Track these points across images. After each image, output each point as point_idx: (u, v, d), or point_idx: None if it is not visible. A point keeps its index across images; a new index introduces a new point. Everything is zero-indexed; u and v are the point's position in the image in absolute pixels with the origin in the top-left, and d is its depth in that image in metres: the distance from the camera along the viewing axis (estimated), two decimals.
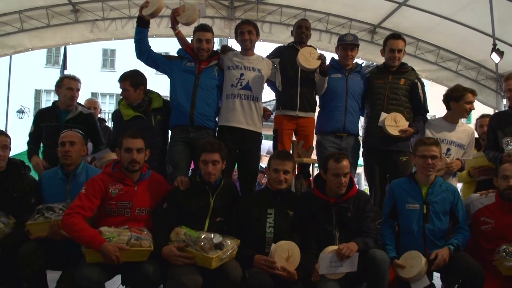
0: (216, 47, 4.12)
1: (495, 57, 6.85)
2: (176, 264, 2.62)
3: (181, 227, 2.74)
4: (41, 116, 4.03)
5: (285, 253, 2.73)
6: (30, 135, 4.02)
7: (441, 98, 3.94)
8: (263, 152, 5.83)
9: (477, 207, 3.13)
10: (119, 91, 3.72)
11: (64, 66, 10.35)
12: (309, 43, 4.15)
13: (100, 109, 5.65)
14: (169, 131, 3.77)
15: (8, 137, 3.14)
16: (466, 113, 3.79)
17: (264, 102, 4.01)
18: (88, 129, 3.95)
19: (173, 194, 2.98)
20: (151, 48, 3.81)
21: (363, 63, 4.23)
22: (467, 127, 3.97)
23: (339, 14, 7.76)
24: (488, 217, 3.04)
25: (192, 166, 3.83)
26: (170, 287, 2.58)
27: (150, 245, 2.67)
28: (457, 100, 3.76)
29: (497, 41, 6.75)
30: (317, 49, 6.11)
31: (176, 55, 3.86)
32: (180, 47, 3.89)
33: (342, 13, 7.73)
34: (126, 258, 2.60)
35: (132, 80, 3.65)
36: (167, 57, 3.86)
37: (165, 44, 7.88)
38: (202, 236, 2.61)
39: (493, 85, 8.24)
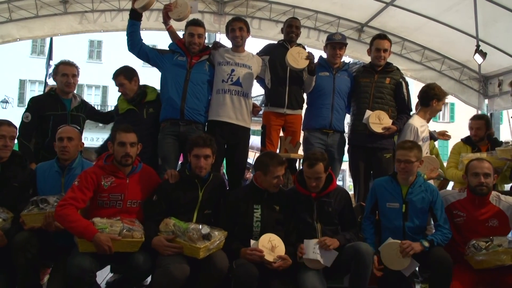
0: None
1: (478, 58, 7.03)
2: (164, 253, 2.70)
3: (170, 218, 2.82)
4: (41, 104, 3.84)
5: (268, 245, 2.83)
6: (25, 125, 3.75)
7: None
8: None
9: (450, 201, 3.28)
10: (106, 82, 3.84)
11: (50, 57, 10.21)
12: (297, 40, 4.23)
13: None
14: None
15: (16, 127, 3.21)
16: (436, 114, 4.00)
17: (252, 97, 4.08)
18: (90, 114, 4.03)
19: (162, 187, 3.05)
20: (143, 41, 3.85)
21: (350, 61, 4.31)
22: None
23: (328, 12, 7.84)
24: (460, 210, 3.20)
25: (181, 159, 3.91)
26: (158, 276, 2.67)
27: (141, 236, 2.75)
28: (439, 100, 3.92)
29: (480, 43, 6.92)
30: (306, 46, 6.20)
31: (168, 48, 3.91)
32: (172, 41, 3.94)
33: (331, 11, 7.82)
34: (118, 249, 2.68)
35: (125, 73, 3.74)
36: (158, 50, 3.91)
37: (153, 37, 7.88)
38: (191, 227, 2.70)
39: (475, 85, 8.44)
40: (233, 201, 3.12)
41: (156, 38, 7.72)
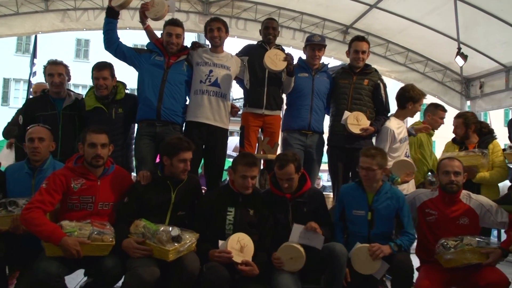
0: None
1: (459, 61, 7.10)
2: (134, 256, 2.66)
3: (141, 220, 2.78)
4: (32, 105, 3.80)
5: (237, 245, 2.81)
6: (19, 128, 3.68)
7: None
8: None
9: (422, 200, 3.30)
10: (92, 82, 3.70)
11: (34, 55, 10.05)
12: (282, 41, 4.23)
13: None
14: (136, 125, 3.79)
15: None
16: (415, 114, 4.05)
17: (235, 99, 4.08)
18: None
19: (134, 188, 3.01)
20: (120, 39, 3.80)
21: (328, 63, 4.31)
22: None
23: (313, 14, 7.86)
24: (432, 209, 3.22)
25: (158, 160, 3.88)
26: (127, 279, 2.62)
27: (112, 240, 2.69)
28: (415, 102, 3.95)
29: (461, 45, 6.99)
30: (291, 47, 6.17)
31: (145, 48, 3.88)
32: (149, 41, 3.91)
33: (316, 12, 7.84)
34: (87, 253, 2.62)
35: (111, 69, 3.68)
36: (136, 49, 3.87)
37: (135, 36, 7.82)
38: (161, 229, 2.66)
39: (457, 87, 8.53)
40: (207, 202, 3.09)
41: (139, 37, 7.66)
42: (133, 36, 7.78)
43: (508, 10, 6.22)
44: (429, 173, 4.29)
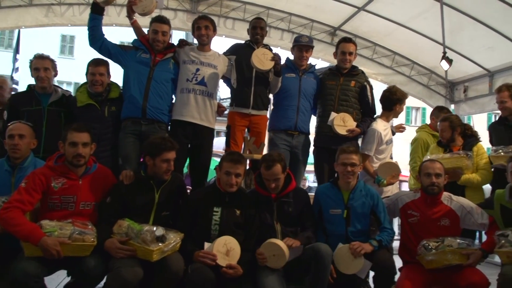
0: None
1: (444, 65, 7.21)
2: (117, 256, 2.62)
3: (125, 219, 2.73)
4: (17, 100, 3.70)
5: (223, 248, 2.79)
6: (4, 123, 3.56)
7: None
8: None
9: (404, 202, 3.33)
10: (78, 79, 3.65)
11: (17, 50, 9.86)
12: (271, 41, 4.22)
13: (11, 89, 4.87)
14: None
15: None
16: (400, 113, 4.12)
17: (223, 99, 4.05)
18: (70, 111, 3.79)
19: (116, 188, 2.96)
20: (106, 36, 3.74)
21: (315, 64, 4.32)
22: None
23: (301, 15, 7.89)
24: (414, 210, 3.26)
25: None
26: (109, 280, 2.58)
27: (93, 240, 2.64)
28: (402, 103, 3.99)
29: (447, 49, 7.11)
30: (279, 48, 6.15)
31: (131, 45, 3.82)
32: (136, 37, 3.86)
33: (304, 14, 7.88)
34: (67, 253, 2.57)
35: (107, 66, 3.63)
36: (121, 46, 3.80)
37: (121, 34, 7.73)
38: (145, 229, 2.63)
39: (442, 90, 8.67)
40: (193, 201, 3.06)
41: (125, 34, 7.58)
42: (119, 33, 7.69)
43: (493, 15, 6.34)
44: None
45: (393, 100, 4.02)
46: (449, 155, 3.76)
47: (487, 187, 4.00)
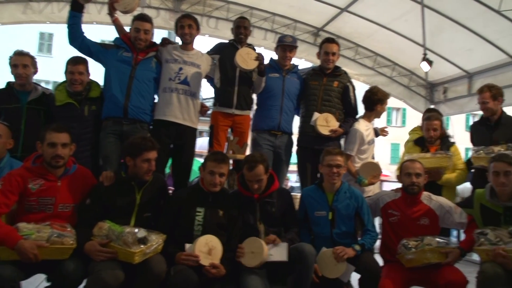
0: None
1: (424, 66, 7.32)
2: (97, 259, 2.56)
3: (105, 221, 2.67)
4: None
5: (205, 247, 2.76)
6: None
7: None
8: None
9: (385, 201, 3.36)
10: (56, 78, 3.57)
11: None
12: (254, 41, 4.21)
13: None
14: None
15: None
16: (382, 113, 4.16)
17: (205, 99, 4.02)
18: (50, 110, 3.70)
19: (96, 190, 2.90)
20: (87, 35, 3.66)
21: (298, 65, 4.32)
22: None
23: (285, 15, 7.89)
24: (394, 210, 3.29)
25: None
26: (89, 283, 2.52)
27: (72, 242, 2.57)
28: (383, 103, 4.04)
29: (427, 51, 7.22)
30: (262, 48, 6.12)
31: (112, 43, 3.75)
32: (117, 36, 3.79)
33: (288, 14, 7.88)
34: (45, 256, 2.49)
35: (87, 64, 3.56)
36: (102, 45, 3.73)
37: (102, 32, 7.58)
38: (126, 231, 2.57)
39: (423, 91, 8.80)
40: (175, 201, 3.02)
41: (107, 32, 7.44)
42: (100, 32, 7.55)
43: (473, 18, 6.46)
44: None
45: (374, 100, 4.06)
46: (430, 154, 3.81)
47: (464, 186, 4.08)
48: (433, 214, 3.24)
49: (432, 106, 8.66)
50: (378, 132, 4.51)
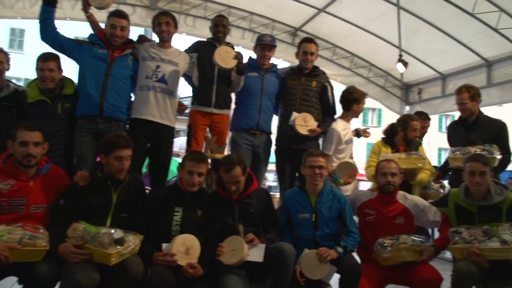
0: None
1: (400, 67, 7.46)
2: (71, 261, 2.49)
3: (80, 222, 2.61)
4: None
5: (183, 247, 2.72)
6: None
7: None
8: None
9: (362, 201, 3.41)
10: (27, 75, 3.45)
11: None
12: (232, 40, 4.18)
13: None
14: None
15: None
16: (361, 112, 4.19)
17: (182, 98, 3.97)
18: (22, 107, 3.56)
19: (71, 190, 2.82)
20: (60, 31, 3.56)
21: (277, 65, 4.32)
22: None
23: (263, 15, 7.90)
24: (371, 209, 3.34)
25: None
26: (63, 286, 2.45)
27: (45, 244, 2.50)
28: (359, 103, 4.07)
29: (403, 53, 7.36)
30: (240, 47, 6.08)
31: (87, 39, 3.66)
32: (92, 32, 3.70)
33: (266, 13, 7.89)
34: (17, 258, 2.41)
35: (58, 60, 3.46)
36: (76, 41, 3.63)
37: (76, 28, 7.39)
38: (102, 232, 2.51)
39: (398, 92, 8.98)
40: (153, 201, 2.97)
41: (82, 29, 7.27)
42: (73, 28, 7.36)
43: (447, 20, 6.63)
44: None
45: (350, 99, 4.10)
46: (405, 155, 3.88)
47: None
48: (408, 213, 3.30)
49: (407, 107, 8.86)
50: (360, 133, 4.56)
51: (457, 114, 4.28)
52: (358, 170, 3.96)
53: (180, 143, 8.47)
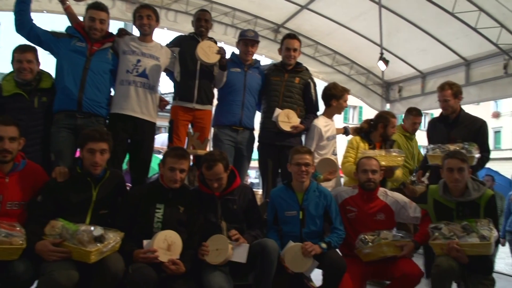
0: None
1: (381, 65, 7.53)
2: (49, 259, 2.43)
3: (58, 220, 2.55)
4: None
5: (164, 243, 2.68)
6: None
7: None
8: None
9: (343, 198, 3.44)
10: (2, 68, 3.33)
11: None
12: (214, 35, 4.15)
13: None
14: None
15: None
16: (343, 110, 4.23)
17: (164, 94, 3.91)
18: None
19: (49, 186, 2.75)
20: (37, 23, 3.46)
21: (260, 61, 4.30)
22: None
23: (245, 11, 7.85)
24: (352, 206, 3.38)
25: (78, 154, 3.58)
26: (41, 285, 2.39)
27: (22, 242, 2.44)
28: (338, 99, 4.09)
29: (384, 51, 7.43)
30: (222, 42, 6.01)
31: (64, 32, 3.56)
32: (70, 24, 3.60)
33: (248, 9, 7.84)
34: None
35: (36, 52, 3.36)
36: (53, 33, 3.52)
37: (53, 21, 7.19)
38: (81, 229, 2.47)
39: (379, 90, 9.07)
40: (134, 198, 2.92)
41: (60, 22, 7.10)
42: (50, 21, 7.15)
43: (428, 20, 6.72)
44: (414, 174, 4.45)
45: (328, 95, 4.13)
46: (384, 152, 3.92)
47: None
48: (389, 210, 3.35)
49: (387, 105, 8.97)
50: (349, 131, 4.58)
51: (436, 113, 4.34)
52: (338, 167, 3.98)
53: (162, 140, 8.37)
